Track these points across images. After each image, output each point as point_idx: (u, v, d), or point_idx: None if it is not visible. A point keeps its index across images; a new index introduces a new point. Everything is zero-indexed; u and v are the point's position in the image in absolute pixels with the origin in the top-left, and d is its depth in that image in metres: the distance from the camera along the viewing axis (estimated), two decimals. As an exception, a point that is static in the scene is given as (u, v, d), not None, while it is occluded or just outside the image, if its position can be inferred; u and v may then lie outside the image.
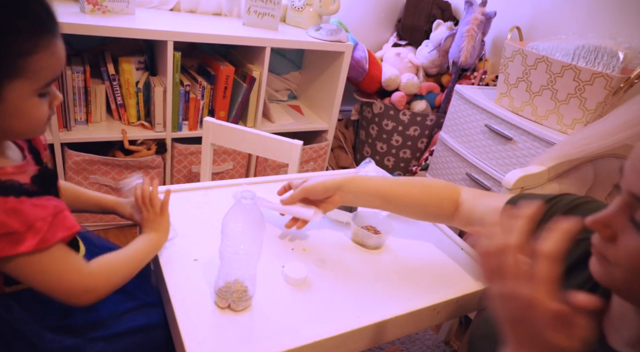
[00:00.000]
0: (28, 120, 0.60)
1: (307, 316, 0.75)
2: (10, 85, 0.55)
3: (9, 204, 0.56)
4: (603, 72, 1.44)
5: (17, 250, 0.57)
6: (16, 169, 0.63)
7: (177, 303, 0.72)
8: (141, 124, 1.84)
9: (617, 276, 0.49)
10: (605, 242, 0.50)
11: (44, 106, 0.62)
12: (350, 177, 0.92)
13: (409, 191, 0.92)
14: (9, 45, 0.53)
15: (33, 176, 0.65)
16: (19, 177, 0.62)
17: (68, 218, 0.64)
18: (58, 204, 0.64)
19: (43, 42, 0.56)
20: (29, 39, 0.54)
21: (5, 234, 0.56)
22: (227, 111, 1.96)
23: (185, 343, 0.65)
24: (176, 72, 1.72)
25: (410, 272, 0.91)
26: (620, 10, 1.77)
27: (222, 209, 1.00)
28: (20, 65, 0.55)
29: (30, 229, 0.58)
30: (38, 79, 0.58)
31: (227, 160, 2.04)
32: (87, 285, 0.67)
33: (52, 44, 0.57)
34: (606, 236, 0.50)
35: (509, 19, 2.22)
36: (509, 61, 1.69)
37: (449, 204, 0.92)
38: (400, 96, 2.33)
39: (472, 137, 1.86)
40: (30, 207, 0.58)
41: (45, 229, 0.59)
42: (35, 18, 0.55)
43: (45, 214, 0.60)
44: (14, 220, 0.56)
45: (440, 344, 1.20)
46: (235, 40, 1.79)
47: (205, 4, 2.07)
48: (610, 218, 0.49)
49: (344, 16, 2.40)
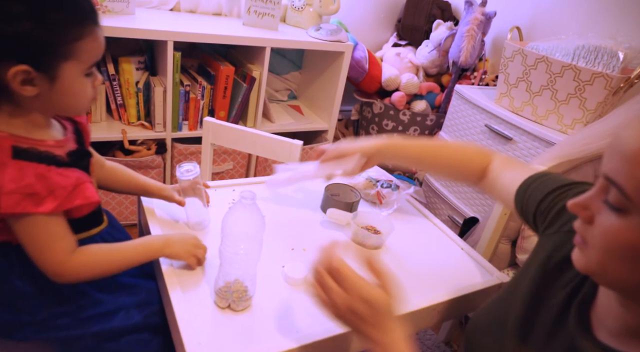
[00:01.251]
0: (77, 96, 0.71)
1: (307, 316, 0.75)
2: (64, 66, 0.67)
3: (39, 170, 0.67)
4: (603, 72, 1.44)
5: (36, 209, 0.67)
6: (56, 143, 0.73)
7: (177, 303, 0.72)
8: (141, 124, 1.84)
9: (593, 259, 0.51)
10: (585, 225, 0.53)
11: (89, 85, 0.72)
12: (386, 143, 0.98)
13: (441, 154, 0.99)
14: (65, 34, 0.65)
15: (69, 151, 0.75)
16: (56, 150, 0.72)
17: (89, 189, 0.73)
18: (81, 175, 0.73)
19: (88, 29, 0.67)
20: (78, 28, 0.66)
21: (30, 193, 0.66)
22: (227, 111, 1.96)
23: (185, 343, 0.65)
24: (176, 72, 1.72)
25: (410, 272, 0.91)
26: (620, 10, 1.77)
27: (222, 209, 1.00)
28: (71, 49, 0.66)
29: (51, 194, 0.68)
30: (85, 61, 0.69)
31: (227, 160, 2.04)
32: (59, 269, 0.72)
33: (94, 31, 0.68)
34: (584, 218, 0.52)
35: (509, 19, 2.22)
36: (509, 61, 1.69)
37: (476, 170, 0.94)
38: (400, 96, 2.33)
39: (472, 137, 1.86)
40: (55, 175, 0.68)
41: (64, 196, 0.69)
42: (82, 10, 0.67)
43: (67, 183, 0.69)
44: (39, 184, 0.66)
45: (440, 344, 1.20)
46: (235, 40, 1.79)
47: (205, 4, 2.07)
48: (588, 201, 0.52)
49: (344, 16, 2.40)
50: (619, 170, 0.47)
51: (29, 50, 0.64)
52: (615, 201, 0.48)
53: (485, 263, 0.99)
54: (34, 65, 0.64)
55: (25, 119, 0.70)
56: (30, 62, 0.63)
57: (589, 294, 0.61)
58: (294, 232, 0.97)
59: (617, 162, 0.48)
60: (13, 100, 0.67)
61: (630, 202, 0.46)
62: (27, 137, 0.69)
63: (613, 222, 0.48)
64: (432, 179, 2.19)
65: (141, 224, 0.99)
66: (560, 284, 0.65)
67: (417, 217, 1.13)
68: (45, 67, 0.65)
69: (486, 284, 0.91)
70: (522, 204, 0.78)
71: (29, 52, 0.64)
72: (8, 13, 0.61)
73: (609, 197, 0.49)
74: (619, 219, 0.48)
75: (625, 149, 0.47)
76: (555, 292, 0.65)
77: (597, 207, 0.51)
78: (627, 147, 0.47)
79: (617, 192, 0.48)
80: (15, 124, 0.69)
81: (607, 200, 0.49)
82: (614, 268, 0.50)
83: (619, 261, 0.49)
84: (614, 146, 0.49)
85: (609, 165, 0.49)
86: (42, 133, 0.72)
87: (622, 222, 0.48)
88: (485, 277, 0.94)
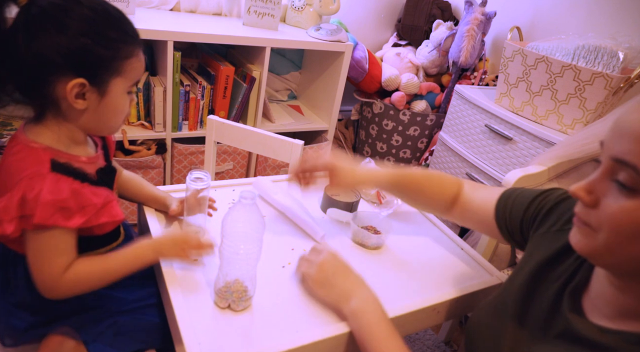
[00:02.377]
0: (118, 113, 0.75)
1: (307, 316, 0.75)
2: (114, 82, 0.71)
3: (74, 186, 0.70)
4: (603, 72, 1.44)
5: (65, 224, 0.68)
6: (88, 160, 0.76)
7: (177, 303, 0.72)
8: (141, 124, 1.84)
9: (600, 241, 0.52)
10: (588, 208, 0.54)
11: (128, 103, 0.76)
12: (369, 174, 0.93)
13: (412, 184, 0.94)
14: (119, 51, 0.70)
15: (98, 169, 0.78)
16: (88, 166, 0.75)
17: (114, 208, 0.76)
18: (109, 195, 0.76)
19: (137, 49, 0.73)
20: (130, 47, 0.71)
21: (63, 208, 0.68)
22: (227, 111, 1.97)
23: (185, 343, 0.65)
24: (176, 72, 1.72)
25: (410, 272, 0.91)
26: (620, 10, 1.77)
27: (222, 209, 1.00)
28: (122, 66, 0.71)
29: (81, 210, 0.70)
30: (130, 78, 0.74)
31: (227, 160, 2.04)
32: (53, 285, 0.72)
33: (138, 51, 0.73)
34: (589, 202, 0.53)
35: (509, 19, 2.22)
36: (509, 61, 1.69)
37: (448, 197, 0.93)
38: (400, 96, 2.33)
39: (472, 137, 1.86)
40: (88, 193, 0.71)
41: (92, 213, 0.71)
42: (133, 31, 0.73)
43: (97, 202, 0.72)
44: (73, 199, 0.69)
45: (440, 344, 1.20)
46: (235, 40, 1.79)
47: (205, 4, 2.07)
48: (593, 184, 0.53)
49: (344, 16, 2.40)
50: (630, 151, 0.49)
51: (87, 65, 0.67)
52: (628, 181, 0.49)
53: (485, 263, 0.98)
54: (89, 78, 0.68)
55: (67, 134, 0.73)
56: (86, 75, 0.67)
57: (582, 282, 0.64)
58: (294, 232, 0.97)
59: (628, 143, 0.49)
60: (60, 114, 0.71)
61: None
62: (65, 152, 0.72)
63: (623, 203, 0.50)
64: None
65: (141, 224, 0.99)
66: (553, 276, 0.68)
67: (417, 217, 1.13)
68: (99, 81, 0.69)
69: (486, 284, 0.91)
70: (505, 215, 0.81)
71: (87, 66, 0.67)
72: (72, 29, 0.65)
73: (619, 178, 0.50)
74: (631, 200, 0.49)
75: (636, 130, 0.48)
76: (549, 285, 0.67)
77: (602, 190, 0.52)
78: (639, 128, 0.48)
79: (632, 172, 0.49)
80: (57, 138, 0.72)
81: (619, 180, 0.50)
82: (623, 248, 0.51)
83: (629, 240, 0.50)
84: (621, 129, 0.51)
85: (617, 148, 0.50)
86: (78, 149, 0.75)
87: (634, 203, 0.49)
88: (485, 277, 0.94)
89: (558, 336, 0.61)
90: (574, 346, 0.58)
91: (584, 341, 0.57)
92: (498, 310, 0.72)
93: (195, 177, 0.85)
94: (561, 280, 0.66)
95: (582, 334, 0.58)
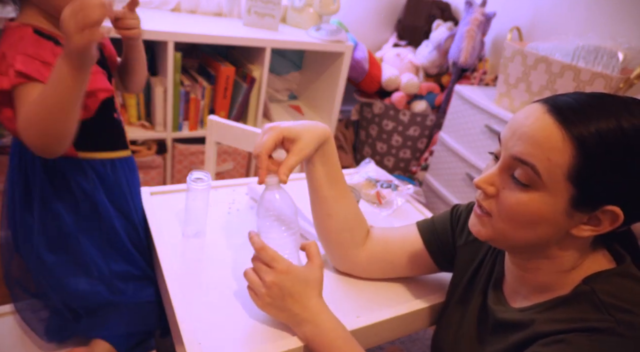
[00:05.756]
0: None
1: (307, 315, 0.75)
2: None
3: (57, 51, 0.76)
4: (603, 72, 1.44)
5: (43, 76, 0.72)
6: None
7: (177, 303, 0.72)
8: (141, 124, 1.84)
9: (497, 227, 0.60)
10: (489, 198, 0.60)
11: None
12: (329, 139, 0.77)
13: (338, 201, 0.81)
14: None
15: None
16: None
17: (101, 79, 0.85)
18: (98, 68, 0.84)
19: None
20: None
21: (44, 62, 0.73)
22: (228, 111, 1.97)
23: (186, 343, 0.65)
24: (176, 72, 1.72)
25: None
26: (620, 10, 1.77)
27: (223, 209, 1.01)
28: None
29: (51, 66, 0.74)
30: None
31: (227, 160, 2.05)
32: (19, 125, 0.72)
33: None
34: (490, 193, 0.60)
35: (509, 19, 2.22)
36: (509, 61, 1.69)
37: (363, 234, 0.84)
38: (400, 96, 2.33)
39: (472, 137, 1.87)
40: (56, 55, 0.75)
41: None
42: None
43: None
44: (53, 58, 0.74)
45: (440, 344, 1.20)
46: (235, 40, 1.79)
47: (205, 4, 2.07)
48: (493, 177, 0.60)
49: (344, 16, 2.41)
50: (530, 153, 0.54)
51: None
52: (524, 178, 0.55)
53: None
54: None
55: (43, 15, 0.79)
56: None
57: (500, 273, 0.70)
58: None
59: (527, 146, 0.55)
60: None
61: (540, 179, 0.54)
62: (49, 30, 0.78)
63: (519, 196, 0.56)
64: (432, 179, 2.19)
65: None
66: (479, 280, 0.74)
67: (417, 217, 1.13)
68: None
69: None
70: (437, 239, 0.80)
71: None
72: None
73: (515, 174, 0.56)
74: (525, 193, 0.56)
75: (536, 135, 0.54)
76: (476, 290, 0.73)
77: (501, 183, 0.59)
78: (538, 134, 0.54)
79: (529, 171, 0.54)
80: (37, 18, 0.78)
81: (515, 176, 0.56)
82: (515, 233, 0.58)
83: (522, 226, 0.57)
84: (521, 134, 0.56)
85: (517, 149, 0.56)
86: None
87: (528, 196, 0.55)
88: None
89: (492, 332, 0.66)
90: (504, 334, 0.62)
91: (508, 326, 0.62)
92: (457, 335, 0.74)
93: (196, 177, 0.85)
94: (483, 279, 0.72)
95: (506, 320, 0.63)
